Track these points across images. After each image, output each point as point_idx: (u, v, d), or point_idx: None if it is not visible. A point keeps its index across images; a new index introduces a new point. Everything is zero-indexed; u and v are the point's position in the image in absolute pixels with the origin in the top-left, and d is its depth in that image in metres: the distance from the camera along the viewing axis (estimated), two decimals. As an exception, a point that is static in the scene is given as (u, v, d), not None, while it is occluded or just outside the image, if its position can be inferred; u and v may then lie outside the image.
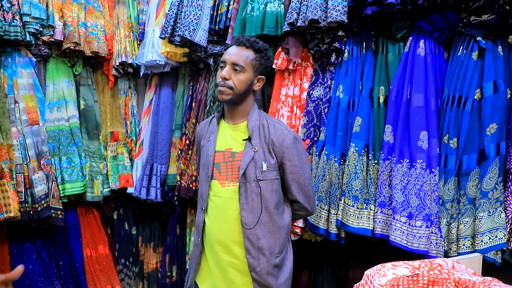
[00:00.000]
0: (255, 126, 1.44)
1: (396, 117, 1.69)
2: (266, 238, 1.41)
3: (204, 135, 1.56)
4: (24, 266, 2.34)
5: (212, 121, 1.56)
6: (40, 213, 2.19)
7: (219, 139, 1.50)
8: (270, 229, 1.42)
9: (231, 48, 1.45)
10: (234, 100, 1.43)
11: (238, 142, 1.46)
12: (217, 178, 1.47)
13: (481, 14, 1.54)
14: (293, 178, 1.46)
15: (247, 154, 1.41)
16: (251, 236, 1.40)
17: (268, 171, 1.41)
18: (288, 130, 1.46)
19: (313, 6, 1.72)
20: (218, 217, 1.46)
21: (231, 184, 1.45)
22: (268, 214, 1.41)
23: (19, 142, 2.17)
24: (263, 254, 1.40)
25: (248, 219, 1.40)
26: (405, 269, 1.01)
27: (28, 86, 2.25)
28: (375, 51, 1.82)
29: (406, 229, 1.60)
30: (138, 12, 2.61)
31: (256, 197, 1.40)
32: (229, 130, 1.50)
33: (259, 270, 1.40)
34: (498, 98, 1.51)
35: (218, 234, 1.46)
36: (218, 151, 1.48)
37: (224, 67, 1.42)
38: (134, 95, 2.77)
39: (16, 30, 2.08)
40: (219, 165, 1.47)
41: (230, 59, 1.41)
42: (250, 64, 1.42)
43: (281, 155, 1.43)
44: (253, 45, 1.42)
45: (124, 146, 2.66)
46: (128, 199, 2.77)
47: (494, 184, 1.50)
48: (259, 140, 1.43)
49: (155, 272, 2.79)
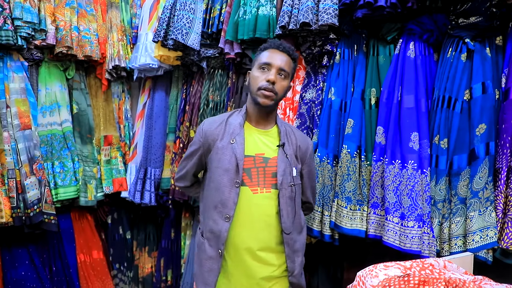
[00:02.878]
0: (284, 132, 1.45)
1: (387, 118, 1.71)
2: (299, 240, 1.46)
3: (220, 136, 1.41)
4: (16, 272, 2.30)
5: (229, 122, 1.44)
6: (32, 219, 2.18)
7: (248, 143, 1.41)
8: (299, 231, 1.46)
9: (273, 52, 1.38)
10: (273, 105, 1.40)
11: (270, 148, 1.42)
12: (248, 185, 1.38)
13: (469, 16, 1.56)
14: (310, 182, 1.55)
15: (283, 161, 1.40)
16: (290, 241, 1.41)
17: (297, 176, 1.44)
18: (308, 138, 1.54)
19: (305, 9, 1.73)
20: (250, 225, 1.38)
21: (264, 190, 1.39)
22: (298, 217, 1.45)
23: (11, 147, 2.16)
24: (298, 256, 1.44)
25: (288, 224, 1.40)
26: (397, 270, 1.02)
27: (20, 90, 2.24)
28: (366, 53, 1.84)
29: (399, 230, 1.61)
30: (131, 16, 2.61)
31: (290, 202, 1.41)
32: (258, 135, 1.44)
33: (296, 273, 1.44)
34: (486, 98, 1.53)
35: (249, 243, 1.38)
36: (247, 155, 1.39)
37: (268, 70, 1.36)
38: (127, 98, 2.77)
39: (7, 34, 2.07)
40: (249, 170, 1.38)
41: (278, 64, 1.36)
42: (290, 71, 1.42)
43: (304, 160, 1.49)
44: (293, 53, 1.42)
45: (117, 150, 2.66)
46: (122, 203, 2.76)
47: (484, 184, 1.51)
48: (288, 146, 1.44)
49: (150, 277, 2.78)
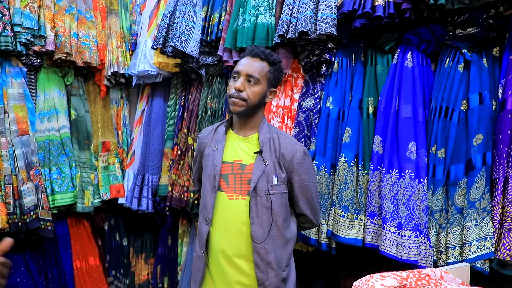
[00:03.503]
0: (266, 139, 1.41)
1: (385, 127, 1.72)
2: (275, 252, 1.39)
3: (208, 144, 1.49)
4: (12, 279, 2.28)
5: (217, 130, 1.50)
6: (29, 225, 2.17)
7: (227, 150, 1.44)
8: (278, 242, 1.40)
9: (245, 59, 1.40)
10: (246, 112, 1.39)
11: (248, 155, 1.42)
12: (225, 190, 1.42)
13: (466, 27, 1.58)
14: (302, 192, 1.45)
15: (259, 168, 1.37)
16: (261, 251, 1.36)
17: (278, 185, 1.39)
18: (298, 145, 1.44)
19: (303, 18, 1.74)
20: (225, 230, 1.42)
21: (240, 197, 1.40)
22: (277, 228, 1.39)
23: (8, 152, 2.15)
24: (272, 268, 1.37)
25: (258, 233, 1.36)
26: (393, 280, 1.01)
27: (18, 96, 2.24)
28: (364, 62, 1.85)
29: (396, 239, 1.60)
30: (130, 23, 2.62)
31: (266, 211, 1.37)
32: (238, 142, 1.45)
33: (268, 284, 1.37)
34: (483, 109, 1.54)
35: (224, 247, 1.41)
36: (226, 162, 1.43)
37: (237, 78, 1.38)
38: (126, 105, 2.77)
39: (6, 40, 2.07)
40: (227, 176, 1.42)
41: (245, 71, 1.37)
42: (264, 76, 1.39)
43: (291, 169, 1.41)
44: (268, 57, 1.39)
45: (115, 156, 2.65)
46: (119, 210, 2.74)
47: (481, 194, 1.52)
48: (269, 154, 1.39)
49: (146, 284, 2.76)
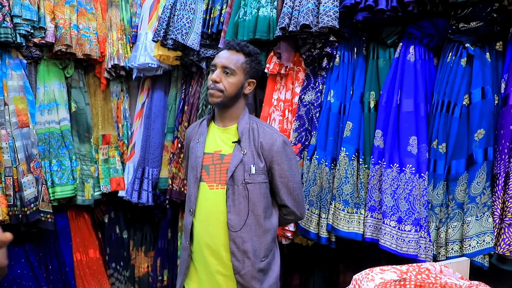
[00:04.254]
0: (245, 129, 1.44)
1: (386, 122, 1.71)
2: (252, 241, 1.40)
3: (193, 137, 1.55)
4: (12, 270, 2.29)
5: (202, 124, 1.56)
6: (29, 217, 2.17)
7: (209, 141, 1.49)
8: (256, 232, 1.42)
9: (222, 52, 1.46)
10: (224, 103, 1.43)
11: (227, 145, 1.46)
12: (206, 181, 1.46)
13: (469, 21, 1.56)
14: (282, 182, 1.46)
15: (236, 157, 1.41)
16: (237, 239, 1.39)
17: (257, 174, 1.41)
18: (278, 134, 1.46)
19: (305, 11, 1.73)
20: (206, 220, 1.45)
21: (219, 186, 1.44)
22: (255, 217, 1.41)
23: (8, 144, 2.15)
24: (248, 257, 1.39)
25: (235, 221, 1.39)
26: (393, 274, 1.01)
27: (19, 88, 2.23)
28: (366, 56, 1.84)
29: (396, 234, 1.61)
30: (131, 15, 2.60)
31: (243, 200, 1.40)
32: (218, 133, 1.49)
33: (244, 273, 1.39)
34: (485, 104, 1.53)
35: (206, 237, 1.45)
36: (207, 153, 1.48)
37: (215, 71, 1.44)
38: (126, 98, 2.76)
39: (6, 31, 2.06)
40: (208, 167, 1.46)
41: (221, 63, 1.42)
42: (240, 67, 1.43)
43: (270, 159, 1.43)
44: (243, 48, 1.44)
45: (115, 149, 2.65)
46: (120, 203, 2.75)
47: (482, 189, 1.52)
48: (248, 143, 1.42)
49: (146, 276, 2.77)
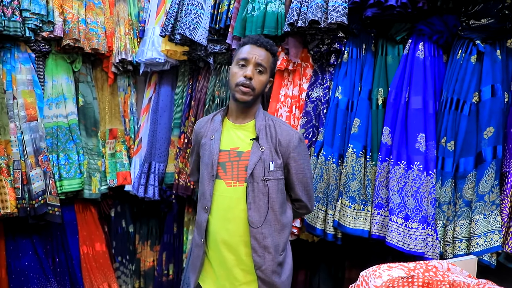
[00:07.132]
0: (262, 126, 1.43)
1: (394, 119, 1.70)
2: (272, 236, 1.42)
3: (205, 133, 1.52)
4: (20, 262, 2.32)
5: (214, 119, 1.52)
6: (37, 210, 2.19)
7: (224, 138, 1.47)
8: (275, 227, 1.43)
9: (251, 48, 1.41)
10: (252, 101, 1.41)
11: (245, 142, 1.44)
12: (223, 178, 1.45)
13: (480, 18, 1.55)
14: (298, 178, 1.48)
15: (255, 154, 1.40)
16: (258, 235, 1.40)
17: (275, 171, 1.42)
18: (294, 131, 1.46)
19: (314, 7, 1.72)
20: (224, 216, 1.44)
21: (238, 183, 1.43)
22: (274, 213, 1.42)
23: (17, 138, 2.17)
24: (269, 252, 1.41)
25: (255, 218, 1.40)
26: (401, 271, 1.01)
27: (27, 82, 2.25)
28: (375, 53, 1.83)
29: (403, 231, 1.60)
30: (138, 10, 2.61)
31: (263, 197, 1.40)
32: (234, 129, 1.47)
33: (265, 268, 1.41)
34: (495, 101, 1.51)
35: (223, 234, 1.44)
36: (223, 150, 1.45)
37: (245, 66, 1.39)
38: (133, 92, 2.77)
39: (15, 25, 2.07)
40: (224, 164, 1.45)
41: (255, 59, 1.38)
42: (269, 66, 1.43)
43: (287, 155, 1.44)
44: (272, 48, 1.44)
45: (122, 143, 2.66)
46: (126, 197, 2.76)
47: (490, 187, 1.51)
48: (266, 140, 1.42)
49: (151, 270, 2.79)
